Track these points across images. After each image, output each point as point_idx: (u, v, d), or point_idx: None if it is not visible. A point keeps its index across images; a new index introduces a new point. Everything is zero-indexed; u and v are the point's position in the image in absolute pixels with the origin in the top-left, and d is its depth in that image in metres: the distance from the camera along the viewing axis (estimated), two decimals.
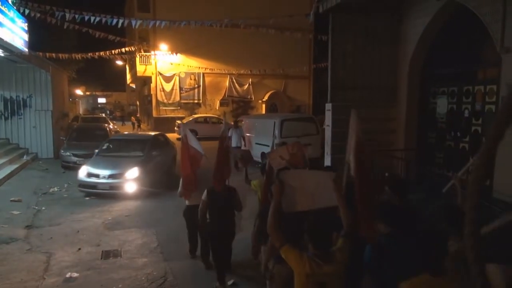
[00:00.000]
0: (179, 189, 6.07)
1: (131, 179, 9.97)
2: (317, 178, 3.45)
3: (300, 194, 3.30)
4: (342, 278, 2.80)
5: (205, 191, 5.30)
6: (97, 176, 10.04)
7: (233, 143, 12.95)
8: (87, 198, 10.09)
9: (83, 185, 10.12)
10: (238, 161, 11.74)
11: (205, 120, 24.86)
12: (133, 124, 31.51)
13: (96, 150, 11.54)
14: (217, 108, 29.39)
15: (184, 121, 24.63)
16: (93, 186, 10.01)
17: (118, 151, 11.48)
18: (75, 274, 5.71)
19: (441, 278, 2.30)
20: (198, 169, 5.96)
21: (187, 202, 6.09)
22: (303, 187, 3.33)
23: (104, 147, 11.69)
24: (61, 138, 15.93)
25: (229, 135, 12.08)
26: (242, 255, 5.80)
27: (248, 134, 14.48)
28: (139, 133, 18.14)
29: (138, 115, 36.89)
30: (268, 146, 11.18)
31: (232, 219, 5.32)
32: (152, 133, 13.59)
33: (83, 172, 10.21)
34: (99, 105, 54.58)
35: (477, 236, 0.84)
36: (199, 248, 6.17)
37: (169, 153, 13.03)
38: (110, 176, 10.02)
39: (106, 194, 10.03)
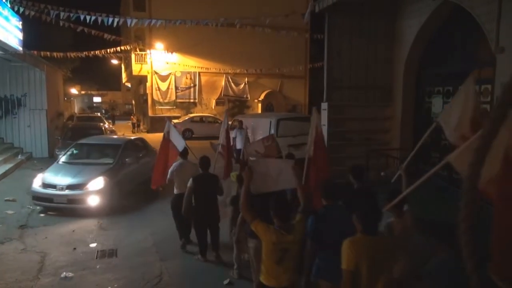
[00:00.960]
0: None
1: (94, 191, 8.34)
2: (280, 165, 4.32)
3: (266, 178, 4.10)
4: (300, 245, 3.53)
5: (191, 179, 5.82)
6: (53, 187, 8.38)
7: (238, 145, 11.74)
8: (41, 215, 8.53)
9: (37, 197, 8.53)
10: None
11: (201, 119, 24.82)
12: (133, 124, 29.70)
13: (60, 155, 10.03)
14: (213, 107, 29.34)
15: (180, 120, 24.58)
16: (49, 199, 8.36)
17: (85, 157, 9.88)
18: (70, 274, 5.68)
19: (371, 237, 2.93)
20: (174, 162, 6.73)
21: (175, 191, 6.59)
22: (268, 173, 4.15)
23: (69, 153, 10.01)
24: (56, 137, 15.84)
25: (233, 136, 11.89)
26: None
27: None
28: (116, 136, 14.94)
29: (134, 114, 36.74)
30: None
31: (216, 203, 5.97)
32: (128, 137, 11.95)
33: (37, 182, 8.63)
34: (94, 104, 54.32)
35: (471, 232, 0.84)
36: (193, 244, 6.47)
37: (148, 160, 10.75)
38: (69, 187, 8.33)
39: (64, 209, 8.43)
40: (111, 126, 23.14)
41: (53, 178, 8.61)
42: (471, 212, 0.83)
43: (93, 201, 8.33)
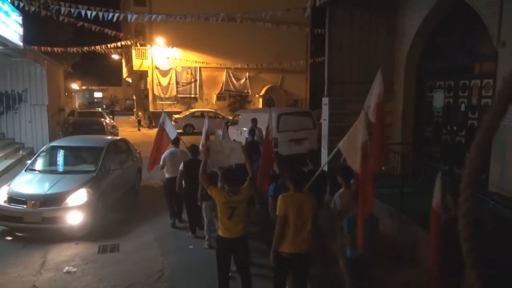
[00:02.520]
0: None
1: (76, 207, 6.79)
2: (232, 145, 5.58)
3: (220, 155, 5.17)
4: (245, 204, 4.49)
5: (182, 163, 6.81)
6: (23, 202, 6.72)
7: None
8: (9, 238, 6.90)
9: (2, 216, 6.79)
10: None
11: (202, 114, 24.81)
12: (138, 122, 28.38)
13: (29, 162, 8.32)
14: (214, 102, 29.33)
15: (181, 115, 24.58)
16: (17, 218, 6.67)
17: (60, 164, 8.32)
18: (72, 269, 5.72)
19: (299, 193, 4.13)
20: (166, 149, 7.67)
21: (166, 175, 7.59)
22: (222, 151, 5.22)
23: (40, 158, 8.26)
24: (57, 133, 15.87)
25: (246, 136, 11.42)
26: None
27: (244, 129, 14.48)
28: (96, 136, 11.98)
29: (135, 109, 36.64)
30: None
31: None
32: (110, 138, 10.25)
33: (1, 196, 6.93)
34: (95, 100, 54.33)
35: (471, 227, 0.84)
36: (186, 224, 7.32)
37: (133, 164, 9.66)
38: (44, 203, 6.69)
39: (37, 230, 6.81)
40: (112, 121, 23.13)
41: (23, 191, 6.92)
42: (470, 208, 0.83)
43: (74, 219, 6.76)
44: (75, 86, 48.31)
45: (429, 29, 8.73)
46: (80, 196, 6.93)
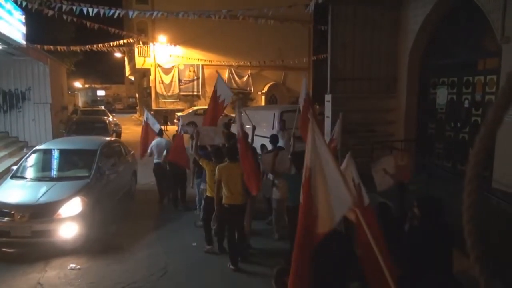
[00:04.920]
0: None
1: (70, 218, 6.13)
2: (215, 130, 7.46)
3: (206, 137, 6.95)
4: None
5: (165, 150, 8.55)
6: (9, 214, 5.98)
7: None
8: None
9: None
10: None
11: (205, 112, 24.75)
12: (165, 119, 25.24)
13: (14, 167, 7.54)
14: None
15: (184, 113, 24.56)
16: (3, 232, 5.95)
17: (50, 169, 7.50)
18: (76, 266, 5.74)
19: (234, 163, 5.69)
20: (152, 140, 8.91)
21: (154, 161, 8.80)
22: (208, 134, 7.07)
23: (26, 163, 7.45)
24: (61, 131, 15.91)
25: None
26: None
27: (247, 126, 14.45)
28: (88, 138, 10.38)
29: (138, 107, 36.66)
30: (268, 137, 10.93)
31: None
32: (103, 139, 9.16)
33: None
34: (98, 98, 54.44)
35: (475, 221, 0.84)
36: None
37: (128, 167, 9.13)
38: (34, 214, 5.99)
39: (26, 245, 6.11)
40: (115, 119, 23.15)
41: (9, 202, 6.18)
42: (474, 201, 0.83)
43: (68, 231, 6.11)
44: (78, 84, 48.43)
45: (433, 25, 8.68)
46: (74, 206, 6.24)
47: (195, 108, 25.96)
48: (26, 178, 7.07)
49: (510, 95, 0.76)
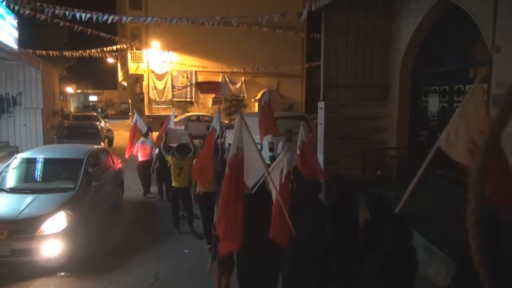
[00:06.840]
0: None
1: (54, 234, 5.63)
2: (181, 131, 9.10)
3: (174, 137, 8.19)
4: (189, 166, 7.22)
5: (157, 149, 9.31)
6: None
7: (286, 170, 8.75)
8: None
9: None
10: None
11: (198, 118, 24.75)
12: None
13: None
14: (210, 106, 29.29)
15: (177, 119, 24.46)
16: None
17: (32, 180, 7.00)
18: (67, 273, 5.66)
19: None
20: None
21: (139, 159, 9.98)
22: (175, 135, 8.38)
23: (6, 173, 6.92)
24: (52, 136, 15.77)
25: (278, 152, 9.31)
26: None
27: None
28: (73, 146, 10.02)
29: (130, 113, 36.45)
30: (259, 144, 10.91)
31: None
32: (89, 147, 8.51)
33: None
34: (90, 103, 54.14)
35: (480, 225, 0.84)
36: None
37: (115, 177, 8.73)
38: (14, 232, 5.46)
39: (5, 264, 5.60)
40: (107, 125, 22.98)
41: None
42: (479, 205, 0.83)
43: (52, 249, 5.61)
44: (70, 89, 48.13)
45: (424, 34, 8.78)
46: (58, 221, 5.74)
47: (188, 114, 25.92)
48: (5, 191, 6.43)
49: (509, 110, 0.77)
